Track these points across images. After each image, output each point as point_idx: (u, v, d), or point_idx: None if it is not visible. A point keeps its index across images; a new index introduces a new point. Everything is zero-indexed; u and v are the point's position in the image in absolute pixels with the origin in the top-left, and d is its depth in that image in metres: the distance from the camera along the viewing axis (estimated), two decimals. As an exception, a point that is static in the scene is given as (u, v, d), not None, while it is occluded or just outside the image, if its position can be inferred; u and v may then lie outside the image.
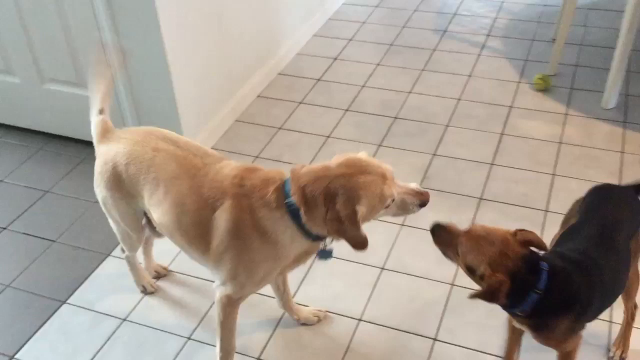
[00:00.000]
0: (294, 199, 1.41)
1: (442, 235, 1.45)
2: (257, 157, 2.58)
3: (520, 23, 3.50)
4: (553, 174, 2.39)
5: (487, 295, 1.32)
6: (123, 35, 2.28)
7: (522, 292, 1.34)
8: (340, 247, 1.51)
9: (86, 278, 2.07)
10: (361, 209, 1.37)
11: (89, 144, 1.78)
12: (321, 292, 1.98)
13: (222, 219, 1.47)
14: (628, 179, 2.34)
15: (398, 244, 2.14)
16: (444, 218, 2.17)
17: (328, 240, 1.51)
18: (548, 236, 2.08)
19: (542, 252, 1.40)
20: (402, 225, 2.20)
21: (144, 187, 1.60)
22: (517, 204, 2.26)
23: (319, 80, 3.11)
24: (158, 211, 1.59)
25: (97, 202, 1.74)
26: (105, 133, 1.70)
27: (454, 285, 1.97)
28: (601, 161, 2.44)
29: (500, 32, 3.42)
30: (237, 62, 2.81)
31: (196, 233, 1.54)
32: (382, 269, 2.05)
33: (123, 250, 1.94)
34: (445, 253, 1.46)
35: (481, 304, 1.32)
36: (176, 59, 2.33)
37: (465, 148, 2.52)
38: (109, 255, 2.16)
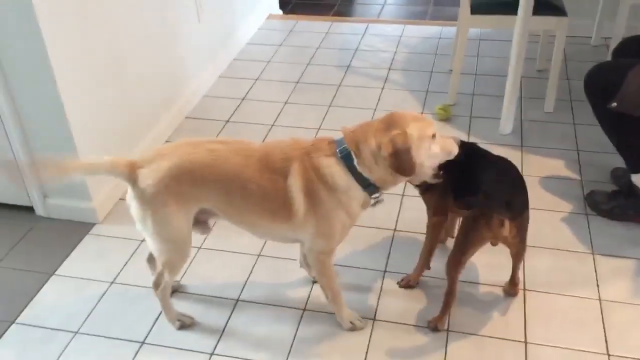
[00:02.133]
0: (346, 143, 1.67)
1: None
2: (168, 204, 2.51)
3: (419, 56, 3.66)
4: (461, 200, 2.48)
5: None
6: (16, 93, 2.18)
7: None
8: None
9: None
10: (413, 130, 1.63)
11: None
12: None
13: (294, 181, 1.67)
14: (530, 200, 2.45)
15: (255, 274, 2.14)
16: (360, 251, 2.21)
17: (376, 195, 1.74)
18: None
19: None
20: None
21: (214, 186, 1.70)
22: (419, 232, 2.31)
23: (227, 121, 3.09)
24: (237, 202, 1.72)
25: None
26: (132, 163, 1.71)
27: (376, 320, 1.99)
28: (504, 184, 2.56)
29: (401, 66, 3.56)
30: (142, 109, 2.75)
31: (279, 205, 1.70)
32: (304, 310, 2.04)
33: (157, 285, 1.86)
34: None
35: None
36: (75, 111, 2.24)
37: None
38: (12, 323, 2.02)
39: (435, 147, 1.71)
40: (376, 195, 1.76)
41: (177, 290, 2.11)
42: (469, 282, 2.10)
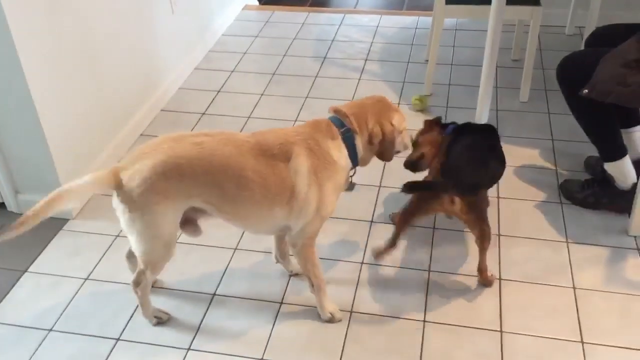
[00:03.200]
0: (350, 125, 1.78)
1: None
2: (143, 199, 2.48)
3: (395, 46, 3.65)
4: (437, 191, 2.49)
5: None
6: (-16, 83, 2.13)
7: None
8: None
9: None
10: (395, 120, 1.86)
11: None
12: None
13: (298, 162, 1.70)
14: (505, 189, 2.49)
15: (231, 268, 2.14)
16: (337, 244, 2.21)
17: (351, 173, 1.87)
18: (437, 252, 2.17)
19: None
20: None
21: (205, 180, 1.66)
22: (407, 224, 2.33)
23: (203, 114, 3.06)
24: (231, 193, 1.69)
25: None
26: (114, 170, 1.66)
27: (353, 312, 1.99)
28: (480, 174, 2.57)
29: (377, 56, 3.55)
30: (116, 102, 2.71)
31: (280, 189, 1.70)
32: (281, 303, 2.03)
33: (137, 283, 1.83)
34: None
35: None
36: (46, 106, 2.21)
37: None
38: (-16, 321, 1.99)
39: (404, 140, 1.95)
40: (352, 174, 1.88)
41: (153, 285, 2.09)
42: (445, 272, 2.11)
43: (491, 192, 2.46)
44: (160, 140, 1.73)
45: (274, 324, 1.95)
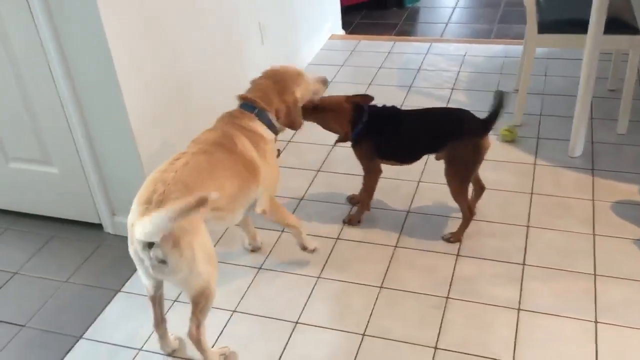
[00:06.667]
0: (259, 107, 2.09)
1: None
2: (230, 224, 2.54)
3: (483, 75, 3.59)
4: (527, 226, 2.40)
5: (345, 135, 2.34)
6: (87, 112, 2.27)
7: (356, 126, 2.31)
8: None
9: (57, 364, 1.99)
10: (298, 93, 2.17)
11: (56, 221, 1.80)
12: (302, 364, 1.92)
13: (243, 144, 1.99)
14: (601, 226, 2.36)
15: (377, 308, 2.11)
16: (422, 278, 2.17)
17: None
18: (528, 290, 2.08)
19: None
20: (381, 287, 2.17)
21: (215, 186, 1.84)
22: (493, 259, 2.25)
23: (289, 142, 3.11)
24: (230, 188, 1.90)
25: (67, 281, 1.69)
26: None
27: (437, 348, 1.93)
28: (573, 210, 2.46)
29: (464, 85, 3.50)
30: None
31: (250, 168, 1.98)
32: (363, 335, 2.00)
33: (198, 329, 1.82)
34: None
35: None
36: (142, 133, 2.31)
37: (438, 203, 2.53)
38: (80, 338, 2.08)
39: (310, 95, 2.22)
40: (278, 146, 2.18)
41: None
42: (535, 312, 2.02)
43: (586, 229, 2.35)
44: (150, 181, 1.79)
45: (356, 356, 1.93)
